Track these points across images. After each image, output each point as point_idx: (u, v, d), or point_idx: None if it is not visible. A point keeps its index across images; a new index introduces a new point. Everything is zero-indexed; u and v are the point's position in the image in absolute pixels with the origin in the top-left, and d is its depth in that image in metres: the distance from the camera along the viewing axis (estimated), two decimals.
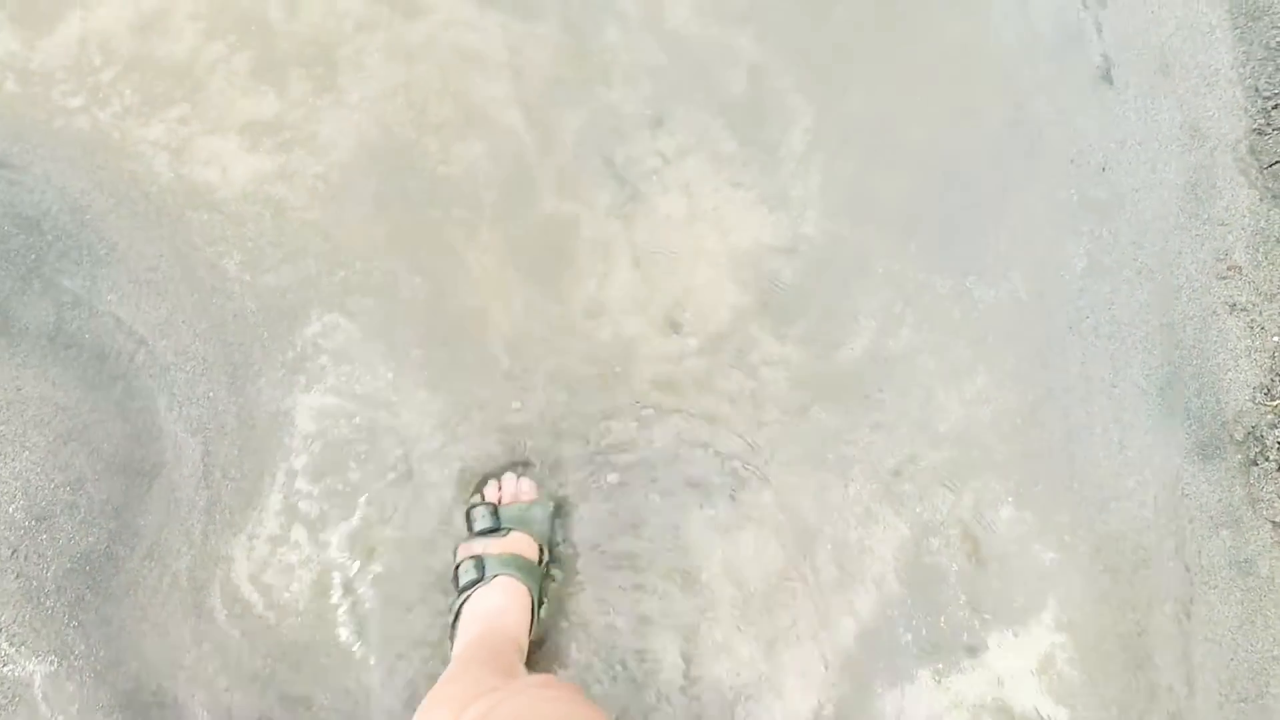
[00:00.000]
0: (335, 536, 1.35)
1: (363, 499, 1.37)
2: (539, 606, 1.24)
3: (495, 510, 1.28)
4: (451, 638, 1.22)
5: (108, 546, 1.29)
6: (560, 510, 1.36)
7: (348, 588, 1.33)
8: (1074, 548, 1.40)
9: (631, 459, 1.41)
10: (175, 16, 1.61)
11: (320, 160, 1.52)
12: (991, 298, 1.50)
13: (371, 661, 1.31)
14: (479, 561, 1.23)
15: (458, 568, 1.25)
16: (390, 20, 1.61)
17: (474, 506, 1.29)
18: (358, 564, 1.34)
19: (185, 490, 1.33)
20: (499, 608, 1.14)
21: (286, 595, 1.32)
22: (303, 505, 1.36)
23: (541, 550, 1.28)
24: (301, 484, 1.37)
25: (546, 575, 1.30)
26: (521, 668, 1.10)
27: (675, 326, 1.49)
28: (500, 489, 1.33)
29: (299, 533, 1.35)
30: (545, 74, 1.59)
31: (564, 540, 1.36)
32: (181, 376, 1.37)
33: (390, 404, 1.41)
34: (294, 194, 1.50)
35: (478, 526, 1.25)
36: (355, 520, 1.36)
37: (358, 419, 1.41)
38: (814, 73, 1.60)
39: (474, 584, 1.19)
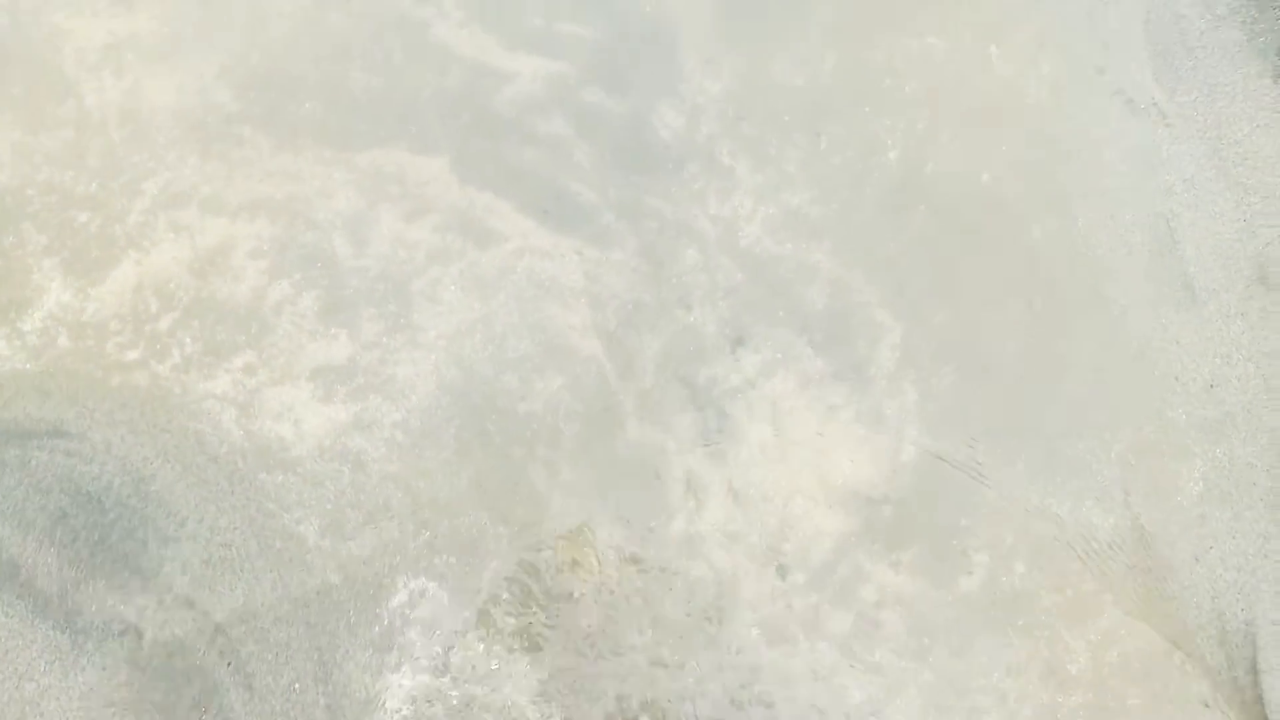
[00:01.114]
0: None
1: None
2: None
3: None
4: None
5: None
6: None
7: None
8: None
9: None
10: (235, 255, 1.59)
11: (398, 406, 1.48)
12: (1110, 526, 1.48)
13: None
14: None
15: None
16: (463, 250, 1.61)
17: None
18: None
19: None
20: None
21: None
22: None
23: None
24: None
25: None
26: None
27: (780, 569, 1.44)
28: None
29: None
30: (623, 300, 1.59)
31: None
32: (263, 667, 1.28)
33: (485, 678, 1.32)
34: (372, 446, 1.45)
35: None
36: None
37: (454, 698, 1.32)
38: (896, 285, 1.62)
39: None
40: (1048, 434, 1.48)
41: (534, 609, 1.35)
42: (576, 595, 1.34)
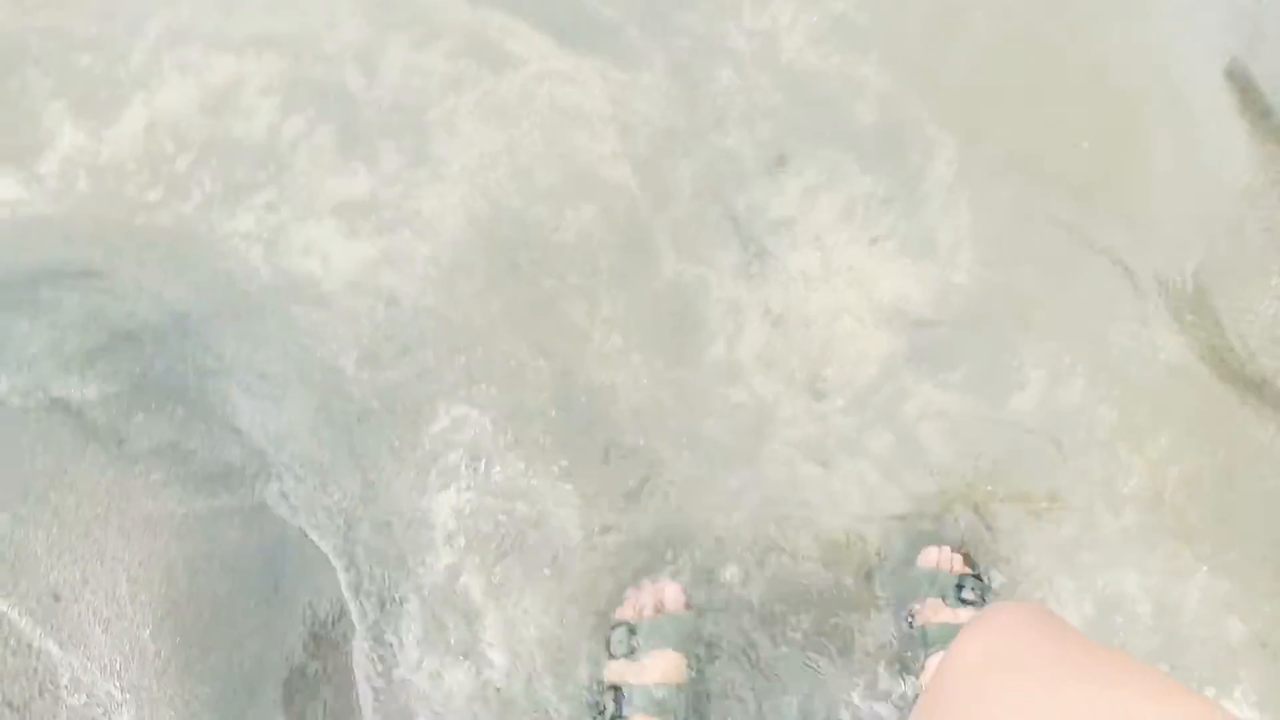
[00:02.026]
0: (486, 633, 1.31)
1: (508, 598, 1.33)
2: None
3: (632, 631, 1.24)
4: None
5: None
6: (703, 616, 1.32)
7: (493, 684, 1.29)
8: (1276, 619, 1.35)
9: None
10: (246, 92, 1.56)
11: (427, 241, 1.48)
12: (1175, 347, 1.45)
13: None
14: (617, 695, 1.21)
15: (599, 696, 1.24)
16: (478, 77, 1.57)
17: (614, 628, 1.26)
18: (506, 662, 1.31)
19: (324, 606, 1.29)
20: None
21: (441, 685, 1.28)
22: (448, 604, 1.32)
23: (690, 666, 1.25)
24: (445, 583, 1.33)
25: (697, 693, 1.27)
26: None
27: (816, 392, 1.44)
28: (639, 600, 1.28)
29: (446, 632, 1.31)
30: (654, 125, 1.55)
31: (710, 650, 1.31)
32: (307, 491, 1.33)
33: (527, 493, 1.37)
34: (403, 280, 1.46)
35: (615, 652, 1.23)
36: (500, 619, 1.32)
37: (499, 511, 1.36)
38: (950, 98, 1.55)
39: (615, 719, 1.19)
40: (1111, 257, 1.44)
41: (572, 433, 1.37)
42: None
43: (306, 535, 1.32)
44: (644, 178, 1.53)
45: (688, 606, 1.29)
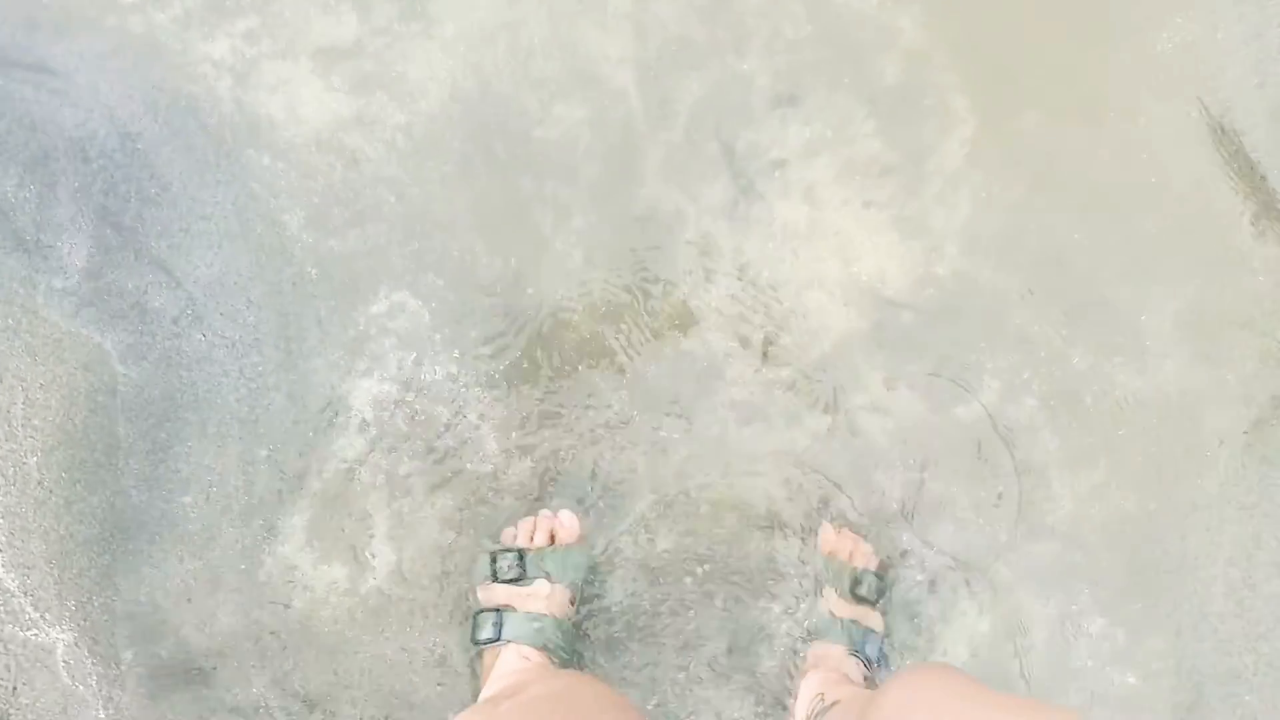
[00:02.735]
0: (377, 531, 1.34)
1: (405, 500, 1.35)
2: (567, 663, 1.24)
3: (520, 556, 1.24)
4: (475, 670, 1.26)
5: (140, 518, 1.29)
6: (599, 558, 1.34)
7: (380, 578, 1.34)
8: (1159, 677, 1.37)
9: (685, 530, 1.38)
10: None
11: (404, 108, 1.42)
12: (1137, 387, 1.41)
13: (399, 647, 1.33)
14: (497, 618, 1.21)
15: (476, 616, 1.23)
16: None
17: (503, 551, 1.26)
18: (391, 564, 1.34)
19: (219, 472, 1.31)
20: (515, 685, 1.11)
21: (323, 575, 1.32)
22: (343, 496, 1.35)
23: (574, 602, 1.26)
24: (344, 472, 1.35)
25: (578, 631, 1.29)
26: None
27: (766, 353, 1.42)
28: (534, 526, 1.29)
29: (336, 523, 1.34)
30: (670, 32, 1.46)
31: (599, 591, 1.34)
32: (228, 345, 1.33)
33: (452, 400, 1.37)
34: (370, 145, 1.41)
35: (501, 575, 1.23)
36: (392, 520, 1.34)
37: (417, 411, 1.37)
38: (985, 72, 1.46)
39: (490, 642, 1.19)
40: (1100, 289, 1.38)
41: (512, 347, 1.36)
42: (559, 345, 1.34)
43: (215, 395, 1.33)
44: (646, 87, 1.46)
45: (582, 540, 1.30)
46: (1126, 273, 1.45)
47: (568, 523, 1.29)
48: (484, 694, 1.17)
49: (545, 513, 1.31)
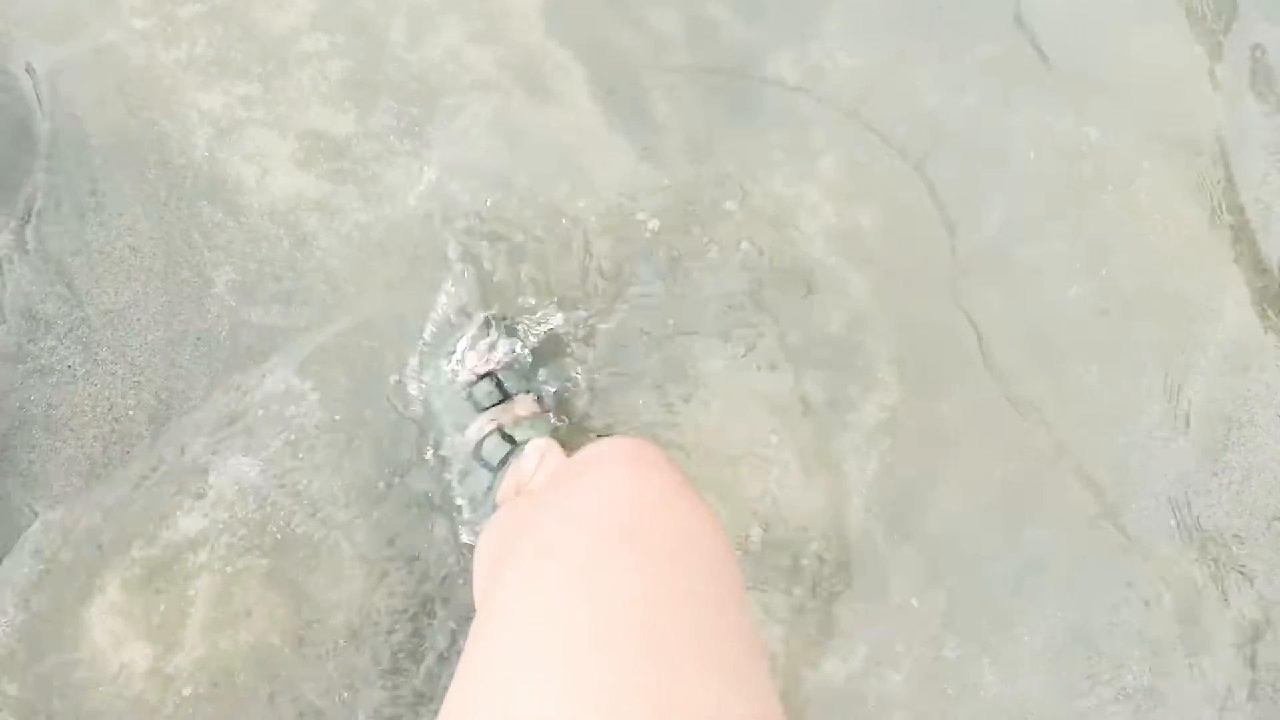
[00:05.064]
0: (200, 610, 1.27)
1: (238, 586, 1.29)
2: None
3: (496, 378, 1.30)
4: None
5: None
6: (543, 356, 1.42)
7: None
8: None
9: None
10: None
11: (370, 209, 1.51)
12: (996, 691, 1.48)
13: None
14: (503, 433, 1.25)
15: (481, 444, 1.25)
16: (510, 91, 1.63)
17: (476, 383, 1.30)
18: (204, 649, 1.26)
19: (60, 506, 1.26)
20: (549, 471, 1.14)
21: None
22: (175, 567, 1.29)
23: (542, 400, 1.36)
24: (182, 544, 1.30)
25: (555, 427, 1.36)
26: None
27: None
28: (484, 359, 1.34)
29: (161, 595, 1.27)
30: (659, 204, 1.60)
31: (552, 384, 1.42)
32: (105, 378, 1.32)
33: (312, 504, 1.35)
34: (325, 232, 1.48)
35: (486, 402, 1.28)
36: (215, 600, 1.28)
37: (277, 497, 1.35)
38: (911, 358, 1.62)
39: (508, 457, 1.22)
40: (986, 586, 1.48)
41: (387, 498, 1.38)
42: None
43: (71, 424, 1.30)
44: (617, 274, 1.58)
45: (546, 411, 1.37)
46: (1017, 579, 1.55)
47: (523, 402, 1.34)
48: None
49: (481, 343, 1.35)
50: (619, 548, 0.63)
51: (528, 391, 1.34)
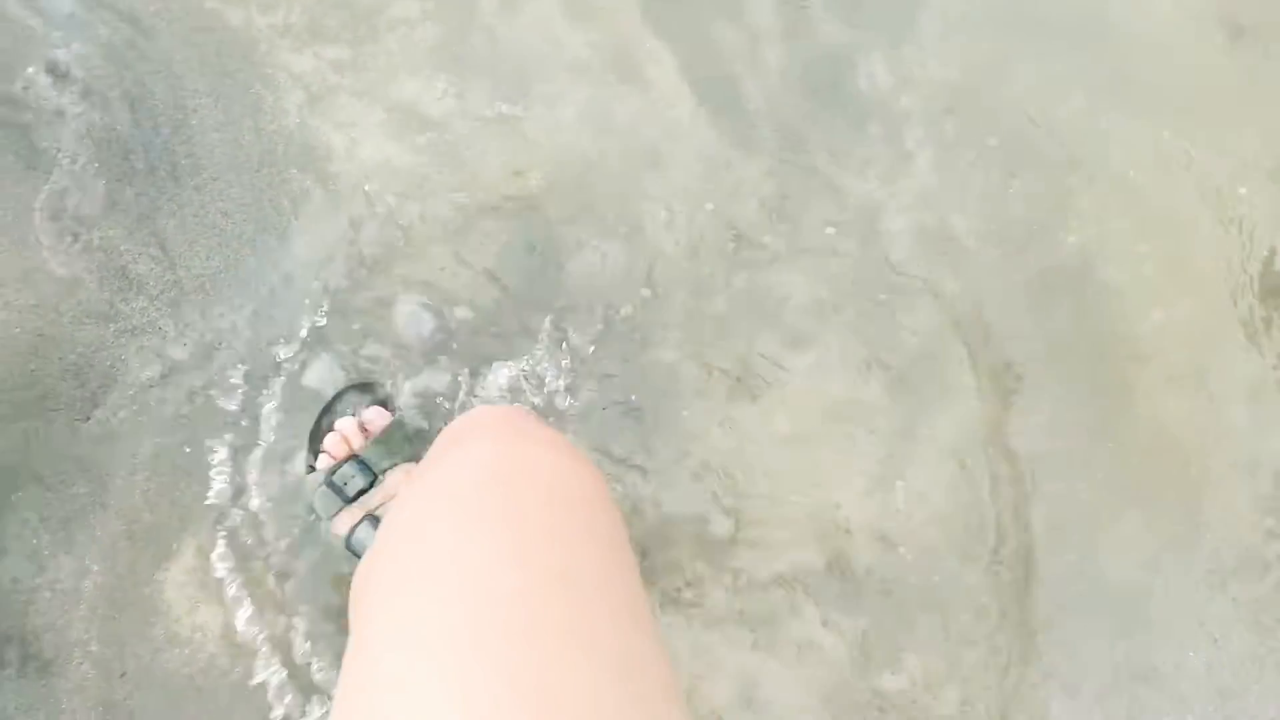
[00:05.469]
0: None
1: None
2: None
3: (360, 460, 1.22)
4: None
5: None
6: (419, 414, 1.35)
7: None
8: None
9: None
10: None
11: (464, 188, 1.51)
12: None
13: None
14: (375, 523, 1.18)
15: (350, 536, 1.19)
16: (603, 79, 1.62)
17: (334, 472, 1.22)
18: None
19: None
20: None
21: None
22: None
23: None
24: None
25: None
26: None
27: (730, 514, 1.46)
28: (344, 436, 1.27)
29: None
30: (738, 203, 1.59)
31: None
32: (192, 341, 1.33)
33: None
34: (418, 208, 1.48)
35: (352, 491, 1.20)
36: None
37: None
38: (998, 368, 1.61)
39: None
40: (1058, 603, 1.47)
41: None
42: None
43: (132, 374, 1.32)
44: (690, 254, 1.57)
45: (395, 417, 1.30)
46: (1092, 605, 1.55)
47: (375, 416, 1.29)
48: None
49: (342, 420, 1.29)
50: (490, 530, 0.59)
51: (402, 461, 1.24)
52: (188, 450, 1.33)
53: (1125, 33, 1.78)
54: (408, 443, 1.26)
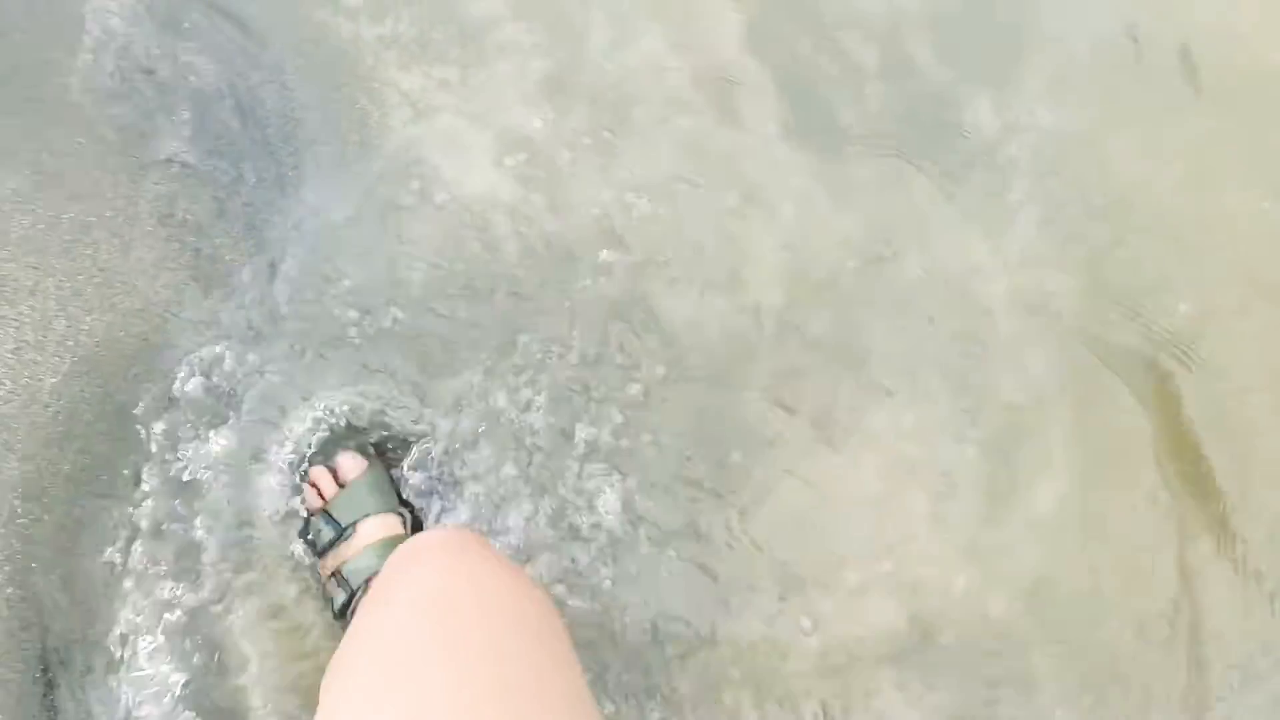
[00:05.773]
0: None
1: None
2: None
3: (328, 514, 1.23)
4: None
5: None
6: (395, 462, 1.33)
7: None
8: None
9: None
10: None
11: (560, 216, 1.50)
12: None
13: None
14: (339, 579, 1.20)
15: (324, 589, 1.22)
16: (699, 117, 1.61)
17: (306, 522, 1.26)
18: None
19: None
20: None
21: None
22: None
23: (401, 516, 1.26)
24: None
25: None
26: None
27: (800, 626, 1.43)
28: (318, 483, 1.27)
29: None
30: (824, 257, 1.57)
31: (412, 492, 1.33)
32: (293, 356, 1.33)
33: None
34: (516, 235, 1.47)
35: (321, 544, 1.22)
36: None
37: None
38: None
39: (350, 599, 1.18)
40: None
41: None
42: None
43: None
44: (784, 309, 1.55)
45: (371, 465, 1.29)
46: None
47: (349, 463, 1.28)
48: None
49: (317, 469, 1.28)
50: (430, 650, 0.67)
51: (400, 508, 1.26)
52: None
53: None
54: (372, 496, 1.26)
